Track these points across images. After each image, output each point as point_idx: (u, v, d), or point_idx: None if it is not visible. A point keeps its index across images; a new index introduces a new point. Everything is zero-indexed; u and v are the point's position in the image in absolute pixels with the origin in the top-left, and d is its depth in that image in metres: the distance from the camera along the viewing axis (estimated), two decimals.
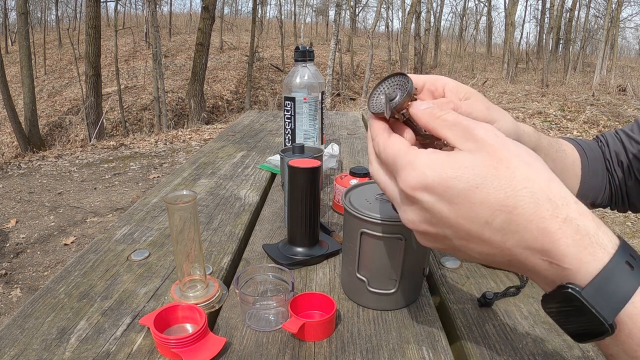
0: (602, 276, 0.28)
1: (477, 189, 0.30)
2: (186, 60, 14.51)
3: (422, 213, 0.33)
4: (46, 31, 20.67)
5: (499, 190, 0.29)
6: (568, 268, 0.28)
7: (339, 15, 9.65)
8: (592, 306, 0.27)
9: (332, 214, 0.90)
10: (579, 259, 0.28)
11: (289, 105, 1.10)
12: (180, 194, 0.53)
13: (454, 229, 0.32)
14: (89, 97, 7.42)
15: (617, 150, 0.71)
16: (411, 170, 0.32)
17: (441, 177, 0.31)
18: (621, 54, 25.41)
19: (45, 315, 0.56)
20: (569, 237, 0.28)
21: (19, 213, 3.41)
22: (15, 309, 2.25)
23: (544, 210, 0.29)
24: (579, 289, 0.28)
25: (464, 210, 0.30)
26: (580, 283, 0.28)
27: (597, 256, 0.28)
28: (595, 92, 8.73)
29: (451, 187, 0.30)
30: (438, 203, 0.31)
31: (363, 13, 31.95)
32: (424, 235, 0.35)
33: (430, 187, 0.31)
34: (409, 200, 0.33)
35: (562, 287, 0.29)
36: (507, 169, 0.30)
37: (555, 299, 0.30)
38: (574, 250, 0.28)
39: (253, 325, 0.54)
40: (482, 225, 0.30)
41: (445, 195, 0.31)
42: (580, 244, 0.28)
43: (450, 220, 0.31)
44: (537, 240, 0.29)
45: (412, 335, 0.53)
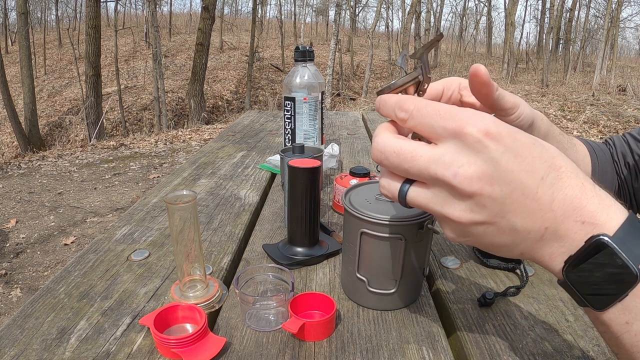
0: (623, 229, 0.30)
1: (534, 145, 0.32)
2: (186, 60, 14.51)
3: (485, 166, 0.31)
4: (46, 31, 20.67)
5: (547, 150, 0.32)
6: (598, 224, 0.31)
7: (339, 15, 9.65)
8: (621, 252, 0.29)
9: (332, 214, 0.90)
10: (607, 215, 0.31)
11: (289, 105, 1.10)
12: (180, 194, 0.53)
13: (514, 184, 0.31)
14: (89, 97, 7.42)
15: (624, 152, 0.72)
16: (479, 117, 0.31)
17: (509, 129, 0.31)
18: (621, 54, 25.43)
19: (45, 315, 0.56)
20: (598, 196, 0.31)
21: (19, 213, 3.41)
22: (15, 309, 2.25)
23: (579, 172, 0.32)
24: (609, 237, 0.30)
25: (526, 163, 0.31)
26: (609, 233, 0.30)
27: (617, 214, 0.31)
28: (595, 92, 8.73)
29: (517, 139, 0.31)
30: (505, 154, 0.30)
31: (363, 13, 31.96)
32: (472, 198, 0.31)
33: (500, 135, 0.31)
34: (474, 149, 0.31)
35: (592, 237, 0.30)
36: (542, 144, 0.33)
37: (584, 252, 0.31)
38: (603, 208, 0.31)
39: (253, 325, 0.54)
40: (538, 181, 0.31)
41: (512, 146, 0.31)
42: (605, 203, 0.31)
43: (513, 175, 0.31)
44: (576, 197, 0.31)
45: (412, 335, 0.53)
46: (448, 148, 0.32)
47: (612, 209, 0.31)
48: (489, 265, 0.68)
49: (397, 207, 0.55)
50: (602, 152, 0.72)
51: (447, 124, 0.32)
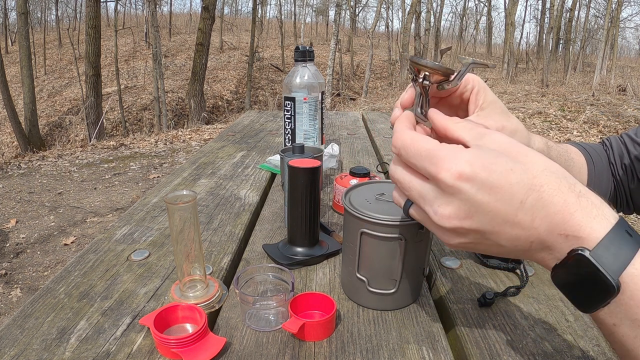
0: (606, 240, 0.31)
1: (511, 171, 0.33)
2: (186, 60, 14.51)
3: (461, 205, 0.34)
4: (46, 31, 20.67)
5: (527, 172, 0.33)
6: (581, 237, 0.32)
7: (339, 15, 9.65)
8: (600, 264, 0.31)
9: (332, 214, 0.90)
10: (590, 227, 0.32)
11: (289, 105, 1.10)
12: (180, 194, 0.53)
13: (491, 215, 0.33)
14: (89, 97, 7.42)
15: (621, 153, 0.72)
16: (452, 159, 0.34)
17: (483, 165, 0.33)
18: (621, 54, 25.42)
19: (45, 315, 0.56)
20: (583, 208, 0.32)
21: (19, 213, 3.41)
22: (15, 309, 2.25)
23: (563, 186, 0.33)
24: (588, 250, 0.31)
25: (502, 193, 0.33)
26: (589, 247, 0.32)
27: (603, 224, 0.32)
28: (595, 92, 8.72)
29: (493, 172, 0.33)
30: (479, 191, 0.33)
31: (363, 13, 31.96)
32: (455, 231, 0.35)
33: (473, 175, 0.33)
34: (448, 192, 0.34)
35: (573, 251, 0.32)
36: (527, 156, 0.34)
37: (567, 265, 0.33)
38: (587, 220, 0.32)
39: (253, 325, 0.54)
40: (517, 206, 0.33)
41: (487, 181, 0.33)
42: (590, 215, 0.32)
43: (490, 207, 0.33)
44: (558, 213, 0.32)
45: (412, 335, 0.53)
46: (431, 187, 0.36)
47: (597, 220, 0.32)
48: (489, 265, 0.68)
49: (397, 207, 0.55)
50: (598, 156, 0.72)
51: (427, 167, 0.35)
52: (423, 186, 0.36)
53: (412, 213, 0.40)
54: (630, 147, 0.71)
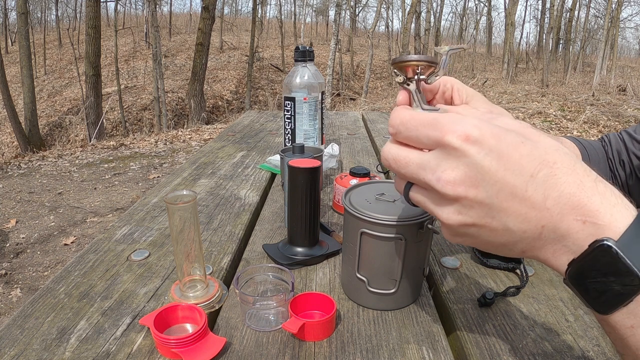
0: (631, 231, 0.28)
1: (522, 144, 0.31)
2: (186, 60, 14.51)
3: (467, 170, 0.31)
4: (46, 31, 20.68)
5: (538, 147, 0.31)
6: (601, 225, 0.29)
7: (339, 15, 9.65)
8: (627, 258, 0.28)
9: (332, 214, 0.90)
10: (611, 215, 0.29)
11: (289, 105, 1.10)
12: (180, 194, 0.53)
13: (499, 185, 0.31)
14: (89, 97, 7.42)
15: (619, 149, 0.72)
16: (460, 122, 0.32)
17: (493, 129, 0.31)
18: (621, 54, 25.41)
19: (45, 315, 0.56)
20: (601, 193, 0.30)
21: (19, 213, 3.41)
22: (15, 309, 2.25)
23: (578, 168, 0.30)
24: (614, 242, 0.28)
25: (512, 163, 0.30)
26: (613, 237, 0.29)
27: (624, 214, 0.29)
28: (595, 92, 8.73)
29: (502, 139, 0.31)
30: (487, 157, 0.31)
31: (363, 13, 31.95)
32: (457, 202, 0.32)
33: (481, 138, 0.31)
34: (454, 155, 0.32)
35: (596, 242, 0.29)
36: (539, 136, 0.32)
37: (587, 258, 0.30)
38: (606, 207, 0.29)
39: (253, 325, 0.54)
40: (526, 180, 0.30)
41: (495, 147, 0.31)
42: (609, 202, 0.29)
43: (498, 175, 0.31)
44: (574, 195, 0.30)
45: (412, 335, 0.53)
46: (433, 155, 0.33)
47: (618, 209, 0.29)
48: (489, 265, 0.68)
49: (397, 207, 0.55)
50: (594, 150, 0.72)
51: (430, 134, 0.33)
52: (423, 157, 0.34)
53: (413, 196, 0.36)
54: (628, 143, 0.71)
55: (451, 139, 0.31)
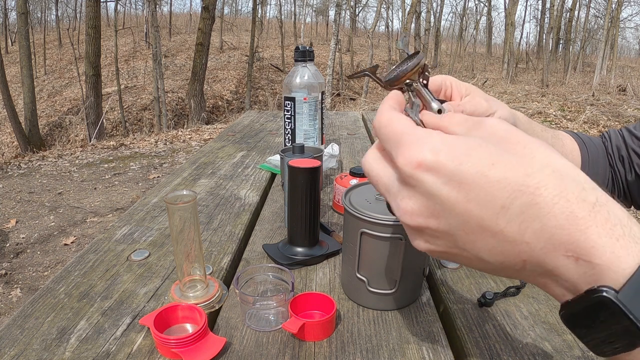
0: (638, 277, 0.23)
1: (493, 166, 0.26)
2: (186, 60, 14.51)
3: (424, 200, 0.28)
4: (46, 31, 20.68)
5: (517, 167, 0.25)
6: (598, 264, 0.23)
7: (339, 15, 9.65)
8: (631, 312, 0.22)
9: (332, 214, 0.90)
10: (612, 252, 0.23)
11: (289, 105, 1.10)
12: (180, 194, 0.53)
13: (462, 218, 0.26)
14: (89, 97, 7.42)
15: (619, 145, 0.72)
16: (416, 146, 0.28)
17: (452, 153, 0.26)
18: (621, 54, 25.42)
19: (45, 315, 0.56)
20: (600, 225, 0.24)
21: (19, 213, 3.41)
22: (15, 309, 2.25)
23: (569, 191, 0.24)
24: (615, 293, 0.23)
25: (476, 192, 0.26)
26: (614, 284, 0.23)
27: (631, 250, 0.23)
28: (595, 92, 8.73)
29: (463, 164, 0.26)
30: (445, 186, 0.26)
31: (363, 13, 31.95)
32: (421, 232, 0.29)
33: (437, 165, 0.27)
34: (409, 183, 0.28)
35: (593, 291, 0.23)
36: (525, 148, 0.27)
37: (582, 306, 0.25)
38: (606, 242, 0.23)
39: (253, 325, 0.54)
40: (497, 211, 0.25)
41: (454, 176, 0.26)
42: (612, 234, 0.23)
43: (459, 207, 0.26)
44: (562, 228, 0.24)
45: (412, 335, 0.53)
46: (397, 177, 0.30)
47: (621, 243, 0.23)
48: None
49: None
50: (594, 145, 0.72)
51: (392, 151, 0.30)
52: (390, 178, 0.30)
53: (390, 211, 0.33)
54: (628, 140, 0.71)
55: (402, 164, 0.28)
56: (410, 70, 0.37)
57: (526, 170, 0.25)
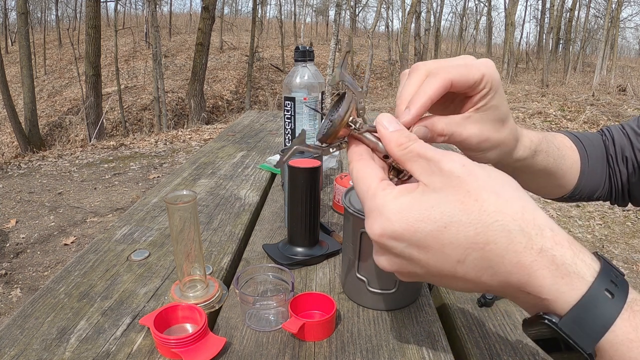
0: (580, 306, 0.27)
1: (445, 229, 0.29)
2: (186, 60, 14.51)
3: (393, 258, 0.33)
4: (46, 31, 20.68)
5: (468, 226, 0.29)
6: (546, 298, 0.28)
7: (339, 15, 9.65)
8: (569, 337, 0.27)
9: (332, 214, 0.90)
10: (556, 289, 0.28)
11: (289, 105, 1.10)
12: (180, 194, 0.53)
13: (427, 269, 0.31)
14: (89, 97, 7.42)
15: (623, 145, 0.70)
16: (377, 217, 0.32)
17: (408, 222, 0.30)
18: (621, 54, 25.41)
19: (45, 315, 0.56)
20: (545, 267, 0.28)
21: (19, 213, 3.41)
22: (15, 309, 2.25)
23: (517, 243, 0.28)
24: (555, 321, 0.28)
25: (432, 253, 0.30)
26: (559, 312, 0.28)
27: (575, 285, 0.27)
28: (595, 92, 8.73)
29: (418, 231, 0.30)
30: (407, 249, 0.31)
31: (363, 13, 31.92)
32: (398, 274, 0.35)
33: (397, 234, 0.31)
34: (379, 246, 0.33)
35: (540, 317, 0.29)
36: (476, 202, 0.29)
37: (534, 326, 0.30)
38: (550, 281, 0.28)
39: (253, 325, 0.54)
40: (454, 265, 0.30)
41: (412, 240, 0.30)
42: (556, 274, 0.28)
43: (421, 262, 0.31)
44: (511, 274, 0.28)
45: (412, 335, 0.53)
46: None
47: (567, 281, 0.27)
48: None
49: None
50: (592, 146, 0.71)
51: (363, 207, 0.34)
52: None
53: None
54: (633, 139, 0.69)
55: (370, 232, 0.32)
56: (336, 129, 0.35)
57: (476, 228, 0.28)
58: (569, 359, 0.29)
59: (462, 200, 0.29)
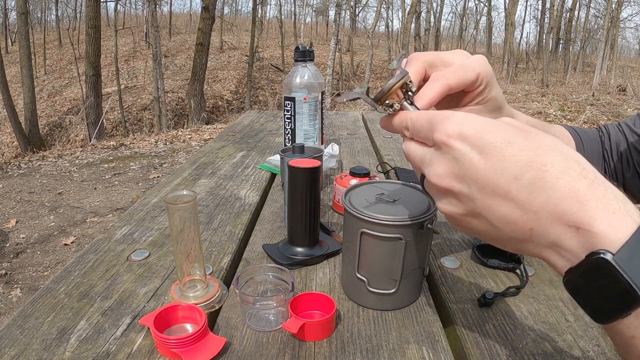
0: (632, 242, 0.26)
1: (509, 144, 0.31)
2: (186, 60, 14.51)
3: (452, 164, 0.33)
4: (46, 31, 20.68)
5: (528, 148, 0.30)
6: (596, 233, 0.27)
7: (339, 15, 9.64)
8: (626, 272, 0.26)
9: (332, 214, 0.90)
10: (608, 223, 0.27)
11: (289, 105, 1.10)
12: (180, 194, 0.53)
13: (481, 182, 0.31)
14: (89, 97, 7.42)
15: (618, 141, 0.71)
16: (448, 120, 0.33)
17: (476, 128, 0.32)
18: (621, 54, 25.40)
19: (45, 315, 0.56)
20: (598, 198, 0.27)
21: (19, 213, 3.41)
22: (15, 309, 2.25)
23: (572, 169, 0.29)
24: (611, 255, 0.26)
25: (493, 162, 0.31)
26: (611, 249, 0.27)
27: (626, 222, 0.27)
28: (595, 92, 8.73)
29: (485, 138, 0.31)
30: (470, 152, 0.32)
31: (363, 13, 31.92)
32: (445, 194, 0.35)
33: (465, 135, 0.32)
34: (441, 150, 0.34)
35: (593, 254, 0.27)
36: (536, 135, 0.32)
37: (583, 269, 0.28)
38: (603, 214, 0.27)
39: (253, 325, 0.54)
40: (510, 180, 0.30)
41: (478, 145, 0.31)
42: (608, 208, 0.27)
43: (479, 172, 0.31)
44: (565, 199, 0.28)
45: (412, 335, 0.53)
46: (431, 150, 0.36)
47: (618, 216, 0.27)
48: (489, 265, 0.68)
49: (397, 207, 0.55)
50: (589, 140, 0.72)
51: (428, 133, 0.35)
52: (425, 152, 0.36)
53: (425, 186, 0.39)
54: (628, 135, 0.70)
55: (437, 135, 0.34)
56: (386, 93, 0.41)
57: (536, 151, 0.30)
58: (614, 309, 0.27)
59: (522, 133, 0.32)
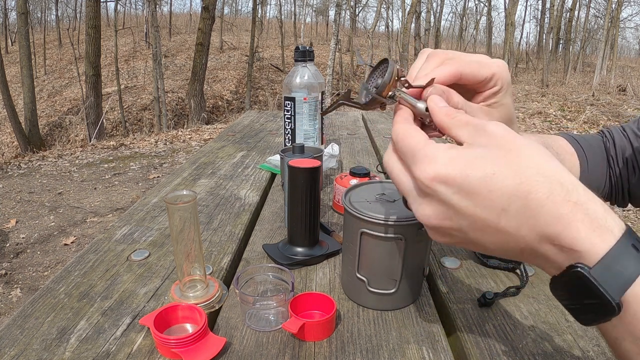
0: (609, 257, 0.29)
1: (493, 176, 0.31)
2: (186, 60, 14.51)
3: (439, 206, 0.33)
4: (46, 31, 20.68)
5: (513, 176, 0.31)
6: (578, 251, 0.29)
7: (339, 15, 9.64)
8: (600, 284, 0.28)
9: (332, 214, 0.90)
10: (589, 241, 0.29)
11: (289, 105, 1.10)
12: (180, 194, 0.53)
13: (471, 219, 0.32)
14: (89, 97, 7.42)
15: (623, 146, 0.71)
16: (430, 162, 0.33)
17: (459, 168, 0.32)
18: (621, 54, 25.40)
19: (45, 315, 0.56)
20: (580, 220, 0.29)
21: (19, 213, 3.41)
22: (15, 309, 2.25)
23: (556, 194, 0.30)
24: (587, 268, 0.29)
25: (481, 199, 0.31)
26: (589, 263, 0.29)
27: (605, 238, 0.29)
28: (595, 92, 8.73)
29: (469, 177, 0.31)
30: (455, 195, 0.32)
31: (363, 13, 31.91)
32: (437, 230, 0.35)
33: (448, 178, 0.32)
34: (425, 193, 0.34)
35: (572, 267, 0.30)
36: (518, 157, 0.31)
37: (564, 279, 0.31)
38: (584, 234, 0.29)
39: (253, 325, 0.54)
40: (498, 213, 0.31)
41: (463, 186, 0.32)
42: (589, 227, 0.29)
43: (468, 212, 0.32)
44: (549, 225, 0.30)
45: (412, 335, 0.53)
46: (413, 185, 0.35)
47: (598, 233, 0.29)
48: (489, 265, 0.68)
49: (397, 207, 0.55)
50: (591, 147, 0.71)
51: (410, 164, 0.35)
52: (409, 184, 0.36)
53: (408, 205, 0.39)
54: (633, 140, 0.70)
55: (420, 176, 0.33)
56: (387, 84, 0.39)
57: (520, 177, 0.31)
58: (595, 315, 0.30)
59: (505, 155, 0.32)
